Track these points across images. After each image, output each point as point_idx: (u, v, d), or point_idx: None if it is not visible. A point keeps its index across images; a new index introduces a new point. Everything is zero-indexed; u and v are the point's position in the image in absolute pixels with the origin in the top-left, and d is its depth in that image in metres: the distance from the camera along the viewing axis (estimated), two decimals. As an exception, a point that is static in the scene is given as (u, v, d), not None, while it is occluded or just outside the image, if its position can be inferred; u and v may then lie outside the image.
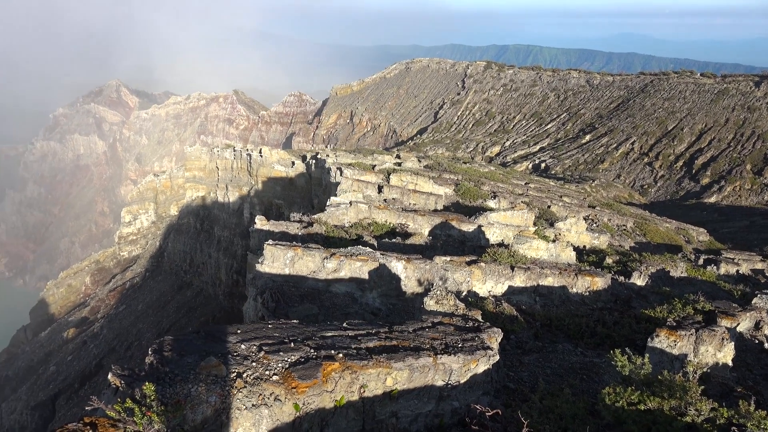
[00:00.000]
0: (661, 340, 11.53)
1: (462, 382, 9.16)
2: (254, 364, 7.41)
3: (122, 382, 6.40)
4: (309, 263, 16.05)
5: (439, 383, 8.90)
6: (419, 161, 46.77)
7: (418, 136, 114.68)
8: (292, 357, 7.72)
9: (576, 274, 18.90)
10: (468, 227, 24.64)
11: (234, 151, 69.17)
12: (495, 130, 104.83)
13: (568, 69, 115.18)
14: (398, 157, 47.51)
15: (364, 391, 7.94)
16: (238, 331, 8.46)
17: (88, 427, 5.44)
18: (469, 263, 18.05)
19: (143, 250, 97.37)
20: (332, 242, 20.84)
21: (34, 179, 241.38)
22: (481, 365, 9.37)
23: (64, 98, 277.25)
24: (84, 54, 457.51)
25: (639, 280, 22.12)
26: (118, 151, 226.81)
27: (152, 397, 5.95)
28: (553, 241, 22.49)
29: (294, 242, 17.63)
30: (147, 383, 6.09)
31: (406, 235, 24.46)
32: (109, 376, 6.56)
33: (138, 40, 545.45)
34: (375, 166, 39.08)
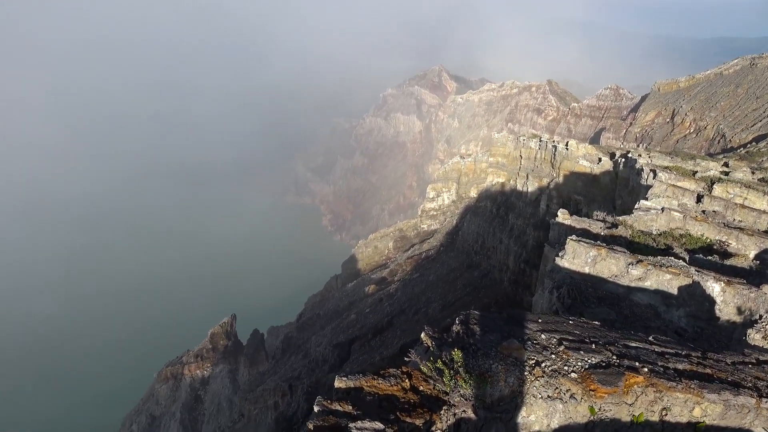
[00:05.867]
0: None
1: (789, 436, 7.80)
2: (553, 356, 7.39)
3: (433, 343, 6.99)
4: (611, 266, 15.27)
5: (759, 430, 7.72)
6: (752, 173, 40.41)
7: (754, 143, 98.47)
8: (593, 359, 7.48)
9: None
10: (811, 258, 20.60)
11: (540, 141, 68.95)
12: None
13: None
14: (726, 165, 41.84)
15: (665, 414, 7.32)
16: (539, 321, 8.51)
17: (405, 375, 6.10)
18: (809, 300, 15.12)
19: (441, 226, 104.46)
20: (636, 248, 19.44)
21: (361, 150, 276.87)
22: (820, 424, 7.83)
23: (394, 80, 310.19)
24: (418, 44, 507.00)
25: None
26: (432, 131, 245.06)
27: (459, 363, 6.38)
28: None
29: (596, 241, 16.93)
30: (455, 349, 6.54)
31: (725, 254, 21.52)
32: (422, 335, 7.23)
33: (465, 29, 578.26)
34: (696, 172, 35.06)
